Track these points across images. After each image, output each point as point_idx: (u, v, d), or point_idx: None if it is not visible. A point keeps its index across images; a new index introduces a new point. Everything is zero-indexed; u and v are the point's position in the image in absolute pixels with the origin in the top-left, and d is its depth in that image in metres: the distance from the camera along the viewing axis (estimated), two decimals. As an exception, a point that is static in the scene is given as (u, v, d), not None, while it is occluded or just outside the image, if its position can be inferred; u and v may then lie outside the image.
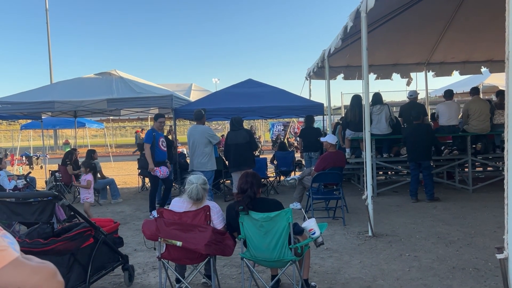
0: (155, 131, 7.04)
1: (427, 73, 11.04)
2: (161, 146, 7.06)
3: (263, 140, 28.79)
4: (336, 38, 6.88)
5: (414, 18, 7.83)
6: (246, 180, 3.43)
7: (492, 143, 8.51)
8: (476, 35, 8.99)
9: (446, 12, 8.24)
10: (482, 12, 7.81)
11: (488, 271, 4.00)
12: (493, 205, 6.74)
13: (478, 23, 8.32)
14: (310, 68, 10.64)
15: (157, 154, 6.94)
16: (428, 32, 8.96)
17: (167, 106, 8.92)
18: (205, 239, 3.21)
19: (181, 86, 18.92)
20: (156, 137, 6.98)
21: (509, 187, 2.51)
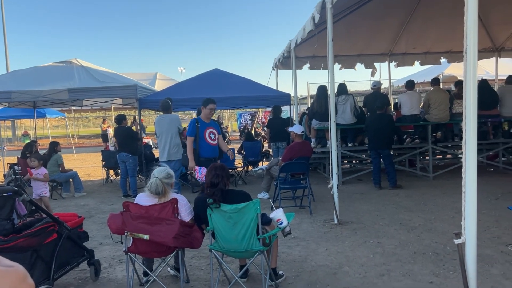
0: (200, 121, 5.84)
1: (390, 63, 11.30)
2: (208, 139, 5.79)
3: (231, 130, 28.74)
4: (303, 29, 6.91)
5: (377, 9, 7.97)
6: (216, 173, 3.42)
7: (451, 132, 8.85)
8: (437, 27, 9.26)
9: (408, 4, 8.44)
10: (442, 5, 8.04)
11: (446, 255, 4.18)
12: (452, 191, 7.03)
13: (438, 16, 8.57)
14: (277, 58, 10.66)
15: (202, 149, 5.77)
16: (391, 23, 9.16)
17: (132, 96, 8.74)
18: (173, 232, 3.19)
19: (146, 75, 18.59)
20: (201, 128, 5.77)
21: (466, 175, 2.62)
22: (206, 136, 5.74)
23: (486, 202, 6.19)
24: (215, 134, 5.83)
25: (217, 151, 5.89)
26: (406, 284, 3.56)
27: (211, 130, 5.81)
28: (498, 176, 8.19)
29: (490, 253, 4.17)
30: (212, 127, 5.82)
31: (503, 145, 8.58)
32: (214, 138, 5.80)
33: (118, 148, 8.29)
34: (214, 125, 5.93)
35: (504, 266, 3.83)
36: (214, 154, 5.84)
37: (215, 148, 5.82)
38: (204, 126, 5.77)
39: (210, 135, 5.78)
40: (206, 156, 5.74)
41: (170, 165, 6.73)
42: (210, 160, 5.66)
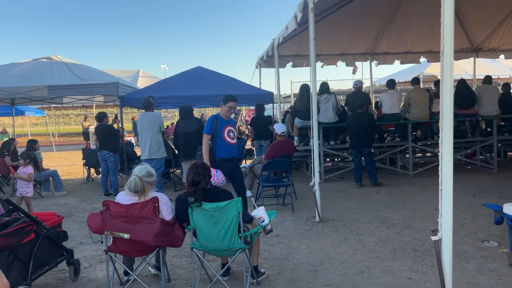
0: (219, 118, 5.31)
1: (371, 63, 11.43)
2: (227, 138, 5.26)
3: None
4: (285, 28, 6.94)
5: (359, 9, 8.06)
6: (198, 172, 3.41)
7: (431, 130, 9.01)
8: (417, 27, 9.41)
9: (389, 5, 8.55)
10: (422, 6, 8.17)
11: (425, 251, 4.26)
12: (431, 188, 7.16)
13: (418, 16, 8.71)
14: (260, 56, 10.67)
15: (220, 148, 5.24)
16: (373, 23, 9.27)
17: (113, 93, 8.62)
18: (153, 230, 3.18)
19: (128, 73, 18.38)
20: (220, 126, 5.27)
21: (443, 174, 2.68)
22: (225, 135, 5.23)
23: (463, 199, 6.33)
24: (234, 133, 5.35)
25: (235, 151, 5.40)
26: (385, 280, 3.62)
27: (230, 128, 5.32)
28: (476, 174, 8.37)
29: (467, 249, 4.26)
30: (231, 125, 5.37)
31: (480, 144, 8.77)
32: (233, 136, 5.31)
33: (99, 146, 8.19)
34: (233, 122, 5.55)
35: (479, 261, 3.93)
36: (232, 153, 5.32)
37: (234, 148, 5.34)
38: (223, 124, 5.26)
39: (229, 134, 5.28)
40: (223, 156, 5.21)
41: (151, 164, 6.76)
42: (227, 161, 5.21)
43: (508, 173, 8.28)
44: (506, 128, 9.30)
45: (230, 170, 5.18)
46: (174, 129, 7.70)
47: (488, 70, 13.28)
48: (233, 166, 5.37)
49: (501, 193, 6.65)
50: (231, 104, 5.26)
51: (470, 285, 3.45)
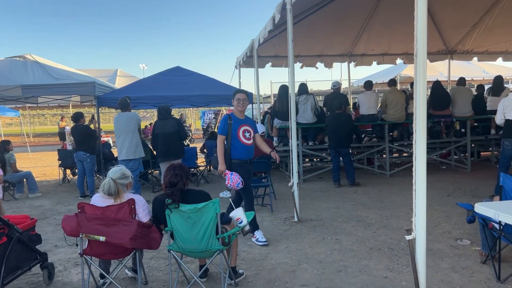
0: (233, 117, 4.90)
1: (349, 64, 11.57)
2: (242, 138, 4.85)
3: (194, 129, 28.50)
4: (264, 29, 6.95)
5: (337, 11, 8.14)
6: (175, 173, 3.38)
7: (407, 131, 9.17)
8: (394, 29, 9.56)
9: (367, 7, 8.67)
10: (398, 9, 8.31)
11: (401, 250, 4.34)
12: (407, 188, 7.29)
13: (395, 18, 8.86)
14: (240, 57, 10.68)
15: (235, 149, 4.83)
16: (351, 25, 9.38)
17: (90, 93, 8.49)
18: (130, 233, 3.14)
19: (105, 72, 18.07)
20: (234, 126, 4.85)
21: (417, 174, 2.73)
22: (239, 135, 4.82)
23: (438, 198, 6.47)
24: (250, 133, 4.92)
25: (252, 152, 4.97)
26: (361, 279, 3.67)
27: (246, 128, 4.89)
28: (451, 174, 8.57)
29: (441, 247, 4.36)
30: (247, 125, 4.93)
31: (455, 144, 8.98)
32: (249, 137, 4.88)
33: (75, 147, 8.05)
34: (249, 122, 5.04)
35: (453, 259, 4.02)
36: (248, 155, 4.89)
37: (250, 149, 4.91)
38: (237, 123, 4.86)
39: (245, 134, 4.86)
40: (239, 157, 4.82)
41: (128, 164, 6.70)
42: (244, 162, 4.83)
43: (481, 173, 8.50)
44: (479, 129, 9.55)
45: (248, 173, 4.87)
46: (152, 130, 7.61)
47: (463, 72, 13.61)
48: (251, 169, 5.01)
49: (474, 192, 6.82)
50: (238, 96, 4.84)
51: (444, 283, 3.53)
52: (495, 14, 9.13)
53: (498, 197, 3.75)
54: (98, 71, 18.41)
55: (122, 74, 18.11)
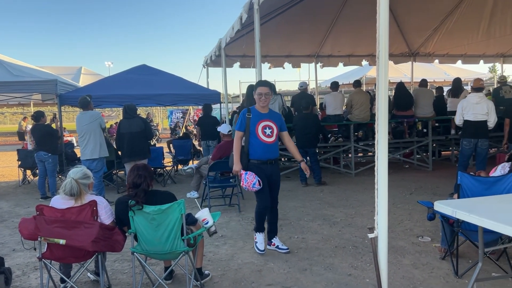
0: (254, 111, 4.32)
1: (316, 64, 11.72)
2: (262, 135, 4.26)
3: (161, 128, 28.09)
4: (232, 29, 6.94)
5: (304, 12, 8.22)
6: (138, 173, 3.32)
7: (372, 131, 9.37)
8: (359, 31, 9.76)
9: (333, 8, 8.81)
10: (363, 10, 8.49)
11: (364, 248, 4.43)
12: (371, 187, 7.38)
13: (360, 21, 9.03)
14: (207, 56, 10.62)
15: (253, 147, 4.28)
16: (318, 26, 9.50)
17: (51, 92, 8.22)
18: (91, 235, 3.06)
19: (69, 70, 17.59)
20: (253, 120, 4.28)
21: (379, 174, 2.79)
22: (258, 131, 4.23)
23: (401, 196, 6.65)
24: (273, 129, 4.28)
25: (275, 151, 4.35)
26: (326, 277, 3.72)
27: (267, 123, 4.27)
28: (413, 172, 8.82)
29: (403, 244, 4.48)
30: (269, 120, 4.30)
31: (417, 144, 9.25)
32: (270, 134, 4.26)
33: (36, 146, 7.77)
34: (274, 117, 4.38)
35: (414, 256, 4.14)
36: (270, 155, 4.28)
37: (271, 147, 4.27)
38: (257, 118, 4.26)
39: (265, 130, 4.25)
40: (257, 157, 4.24)
41: (92, 165, 6.53)
42: (264, 163, 4.25)
43: (442, 172, 8.80)
44: (440, 129, 9.88)
45: (268, 175, 4.27)
46: (117, 129, 7.44)
47: (425, 74, 14.06)
48: (273, 170, 4.33)
49: (435, 190, 7.05)
50: (260, 90, 4.24)
51: (405, 279, 3.63)
52: (455, 18, 9.48)
53: (456, 195, 3.89)
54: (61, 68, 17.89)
55: (87, 72, 17.66)
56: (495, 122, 6.36)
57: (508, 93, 9.09)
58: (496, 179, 3.73)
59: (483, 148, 6.41)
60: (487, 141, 6.45)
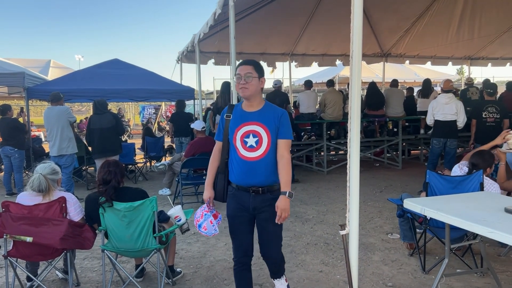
0: (236, 110, 2.88)
1: (291, 63, 11.78)
2: (239, 147, 2.79)
3: (133, 124, 27.63)
4: (206, 25, 6.89)
5: (279, 10, 8.25)
6: (109, 170, 3.26)
7: (344, 130, 9.52)
8: (333, 31, 9.86)
9: (307, 7, 8.87)
10: (337, 11, 8.58)
11: (336, 244, 4.50)
12: (343, 185, 7.50)
13: (334, 20, 9.13)
14: (181, 51, 10.50)
15: (231, 164, 2.86)
16: (292, 25, 9.55)
17: (18, 84, 7.96)
18: (60, 232, 2.98)
19: (37, 62, 17.01)
20: (233, 124, 2.84)
21: (351, 171, 2.83)
22: (236, 141, 2.78)
23: (371, 194, 6.78)
24: (259, 137, 2.74)
25: (262, 174, 2.75)
26: (298, 274, 3.76)
27: (250, 129, 2.76)
28: (383, 171, 9.01)
29: (373, 241, 4.57)
30: (256, 122, 2.76)
31: (387, 143, 9.45)
32: (255, 145, 2.74)
33: (2, 141, 7.50)
34: (265, 117, 2.78)
35: (384, 253, 4.23)
36: (251, 178, 2.75)
37: (253, 167, 2.75)
38: (238, 120, 2.81)
39: (245, 139, 2.75)
40: (234, 180, 2.82)
41: (61, 160, 6.37)
42: (242, 189, 2.78)
43: (411, 170, 9.01)
44: (410, 129, 10.12)
45: (250, 209, 2.81)
46: (87, 124, 7.28)
47: (397, 74, 14.37)
48: (259, 203, 2.78)
49: (404, 188, 7.22)
50: (237, 71, 2.77)
51: (375, 275, 3.71)
52: (425, 21, 9.72)
53: (424, 193, 4.00)
54: (29, 61, 17.29)
55: (56, 65, 17.14)
56: (464, 121, 6.56)
57: (474, 95, 9.39)
58: (462, 178, 3.85)
59: (451, 148, 6.61)
60: (455, 140, 6.66)
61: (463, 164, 4.12)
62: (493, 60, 13.05)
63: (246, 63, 2.80)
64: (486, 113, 6.57)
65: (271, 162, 2.76)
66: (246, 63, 2.80)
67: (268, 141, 2.74)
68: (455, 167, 4.21)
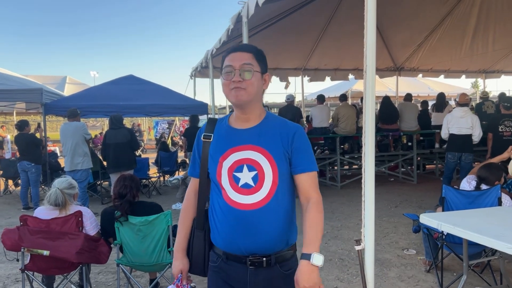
0: (219, 126, 1.84)
1: (303, 78, 11.83)
2: (226, 186, 1.70)
3: (147, 139, 27.88)
4: (219, 41, 6.98)
5: (292, 26, 8.32)
6: (125, 184, 3.29)
7: (357, 144, 9.47)
8: (345, 46, 9.90)
9: (320, 23, 8.94)
10: (349, 26, 8.63)
11: (351, 260, 4.44)
12: (357, 200, 7.48)
13: (346, 35, 9.18)
14: (195, 67, 10.64)
15: (212, 216, 1.77)
16: (305, 40, 9.61)
17: (36, 100, 8.13)
18: (76, 246, 3.01)
19: (53, 79, 17.40)
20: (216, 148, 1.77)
21: (365, 186, 2.81)
22: (221, 178, 1.72)
23: (386, 209, 6.70)
24: (260, 169, 1.69)
25: (266, 234, 1.69)
26: (313, 290, 3.71)
27: (245, 157, 1.71)
28: (398, 185, 8.91)
29: (389, 257, 4.51)
30: (254, 146, 1.72)
31: (402, 157, 9.36)
32: (254, 185, 1.68)
33: (19, 156, 7.64)
34: (270, 136, 1.75)
35: (400, 269, 4.17)
36: (248, 240, 1.68)
37: (251, 221, 1.67)
38: (223, 143, 1.77)
39: (236, 175, 1.70)
40: (217, 243, 1.77)
41: (76, 176, 6.45)
42: (232, 259, 1.72)
43: (426, 185, 8.90)
44: (424, 143, 10.02)
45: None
46: (103, 139, 7.38)
47: (410, 88, 14.30)
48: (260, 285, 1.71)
49: (419, 203, 7.13)
50: (229, 59, 1.75)
51: (391, 291, 3.65)
52: (438, 35, 9.70)
53: (441, 208, 3.94)
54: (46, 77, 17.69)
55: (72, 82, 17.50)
56: (480, 136, 6.49)
57: (490, 108, 9.29)
58: (479, 193, 3.79)
59: (467, 162, 6.52)
60: (471, 155, 6.57)
61: (471, 178, 4.06)
62: (508, 73, 12.95)
63: (242, 49, 1.76)
64: (502, 126, 6.49)
65: (281, 211, 1.71)
66: (242, 49, 1.76)
67: (275, 176, 1.68)
68: (463, 182, 4.15)
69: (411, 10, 8.52)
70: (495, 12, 8.62)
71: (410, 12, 8.57)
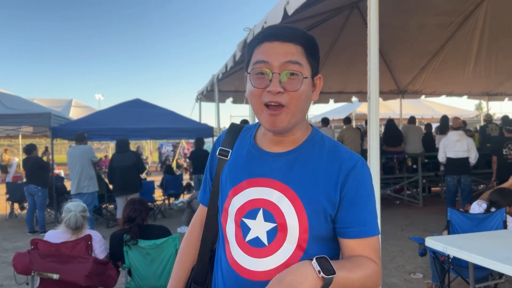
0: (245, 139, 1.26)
1: (307, 101, 11.96)
2: (231, 239, 1.16)
3: (151, 161, 27.98)
4: (225, 66, 7.13)
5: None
6: (134, 208, 3.34)
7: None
8: (349, 69, 10.05)
9: (323, 47, 9.10)
10: (353, 50, 8.78)
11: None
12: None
13: (350, 60, 9.33)
14: (200, 91, 10.80)
15: (214, 275, 1.23)
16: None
17: (45, 124, 8.25)
18: (85, 270, 3.04)
19: (59, 102, 17.63)
20: (226, 182, 1.19)
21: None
22: (227, 222, 1.18)
23: (392, 233, 6.67)
24: (283, 221, 1.09)
25: None
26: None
27: (261, 197, 1.12)
28: (404, 208, 8.88)
29: (396, 281, 4.48)
30: (279, 182, 1.12)
31: (407, 179, 9.36)
32: (268, 245, 1.10)
33: (26, 179, 7.72)
34: (305, 171, 1.12)
35: (407, 292, 4.15)
36: None
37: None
38: (240, 172, 1.18)
39: (245, 222, 1.13)
40: None
41: (82, 199, 6.49)
42: None
43: (432, 207, 8.86)
44: (429, 165, 10.03)
45: None
46: (109, 163, 7.46)
47: (413, 110, 14.41)
48: None
49: (426, 226, 7.10)
50: (264, 54, 1.10)
51: (399, 316, 3.62)
52: (441, 58, 9.83)
53: (446, 231, 3.95)
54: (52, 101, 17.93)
55: (77, 105, 17.72)
56: (476, 158, 6.64)
57: (494, 131, 9.34)
58: (484, 216, 3.80)
59: (466, 184, 6.64)
60: (469, 177, 6.71)
61: (482, 202, 4.09)
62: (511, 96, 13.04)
63: (285, 37, 1.12)
64: (506, 149, 6.54)
65: None
66: (285, 37, 1.12)
67: (302, 237, 1.11)
68: (474, 205, 4.17)
69: (414, 34, 8.66)
70: (497, 35, 8.76)
71: (413, 36, 8.72)
